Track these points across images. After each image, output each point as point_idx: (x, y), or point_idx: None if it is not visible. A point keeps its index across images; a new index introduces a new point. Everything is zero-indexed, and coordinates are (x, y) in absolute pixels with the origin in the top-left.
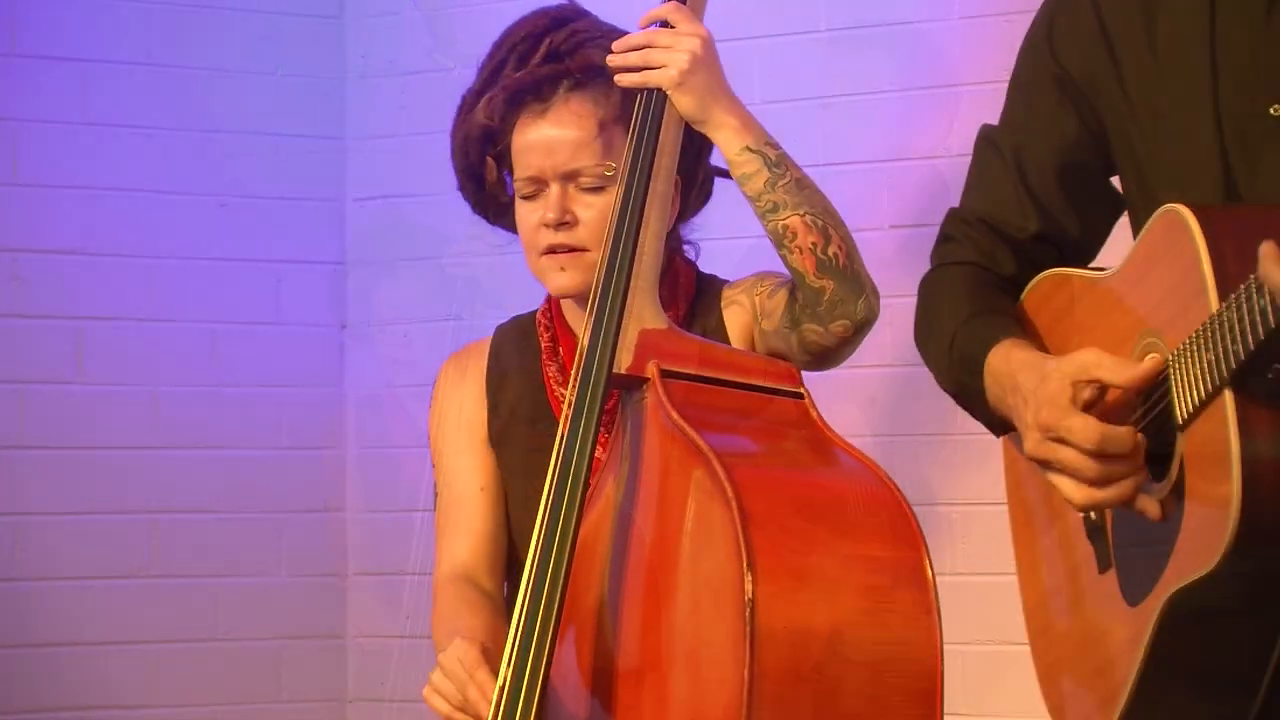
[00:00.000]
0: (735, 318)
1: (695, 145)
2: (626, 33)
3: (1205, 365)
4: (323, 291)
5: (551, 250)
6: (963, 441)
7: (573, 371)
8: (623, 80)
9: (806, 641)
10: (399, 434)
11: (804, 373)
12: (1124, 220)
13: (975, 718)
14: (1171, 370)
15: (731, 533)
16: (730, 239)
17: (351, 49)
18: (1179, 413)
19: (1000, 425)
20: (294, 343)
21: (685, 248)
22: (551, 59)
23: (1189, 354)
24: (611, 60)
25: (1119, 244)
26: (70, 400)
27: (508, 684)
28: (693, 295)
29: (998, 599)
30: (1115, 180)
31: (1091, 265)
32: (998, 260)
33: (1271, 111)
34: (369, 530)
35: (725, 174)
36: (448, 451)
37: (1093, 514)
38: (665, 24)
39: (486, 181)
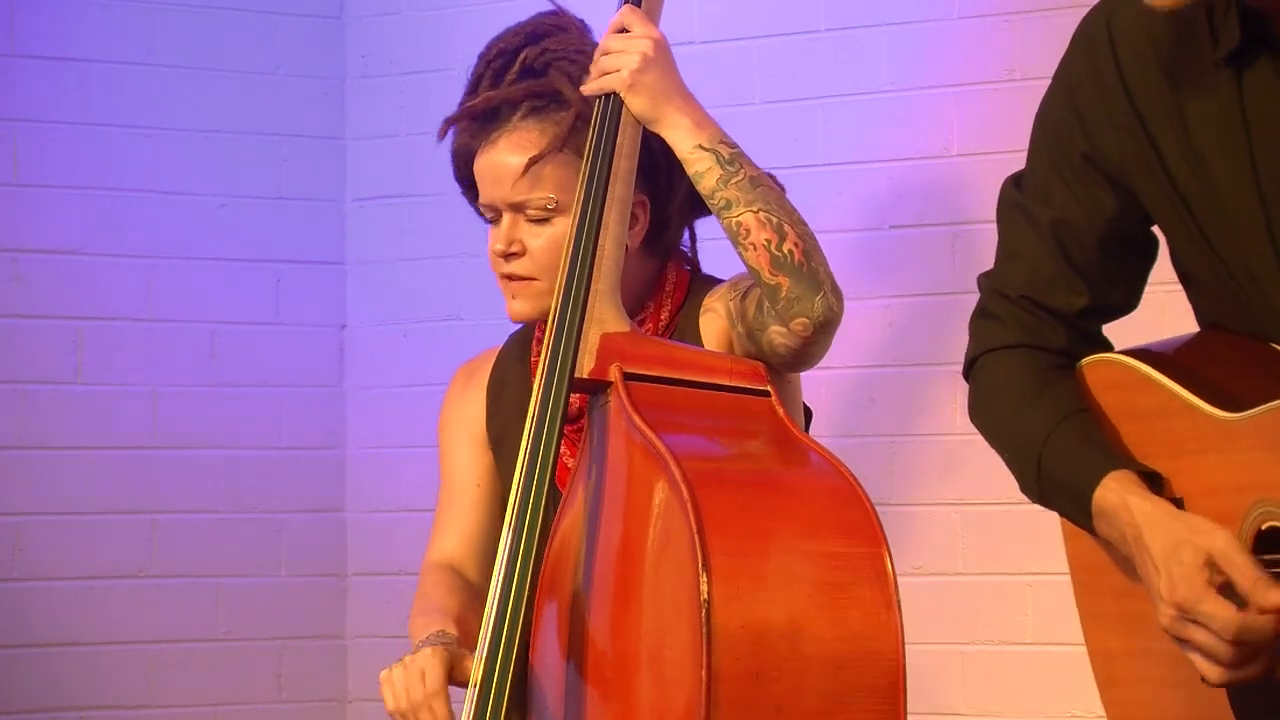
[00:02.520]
0: (710, 324)
1: (669, 160)
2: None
3: None
4: (322, 291)
5: (504, 277)
6: (963, 442)
7: (536, 378)
8: (584, 88)
9: (764, 640)
10: (399, 434)
11: (801, 374)
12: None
13: (975, 718)
14: None
15: (687, 534)
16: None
17: (351, 49)
18: None
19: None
20: (294, 343)
21: (683, 249)
22: (525, 76)
23: None
24: None
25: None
26: (70, 400)
27: (478, 688)
28: (681, 301)
29: (997, 599)
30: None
31: (1141, 348)
32: (1046, 336)
33: None
34: (369, 530)
35: None
36: (448, 449)
37: None
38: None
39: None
